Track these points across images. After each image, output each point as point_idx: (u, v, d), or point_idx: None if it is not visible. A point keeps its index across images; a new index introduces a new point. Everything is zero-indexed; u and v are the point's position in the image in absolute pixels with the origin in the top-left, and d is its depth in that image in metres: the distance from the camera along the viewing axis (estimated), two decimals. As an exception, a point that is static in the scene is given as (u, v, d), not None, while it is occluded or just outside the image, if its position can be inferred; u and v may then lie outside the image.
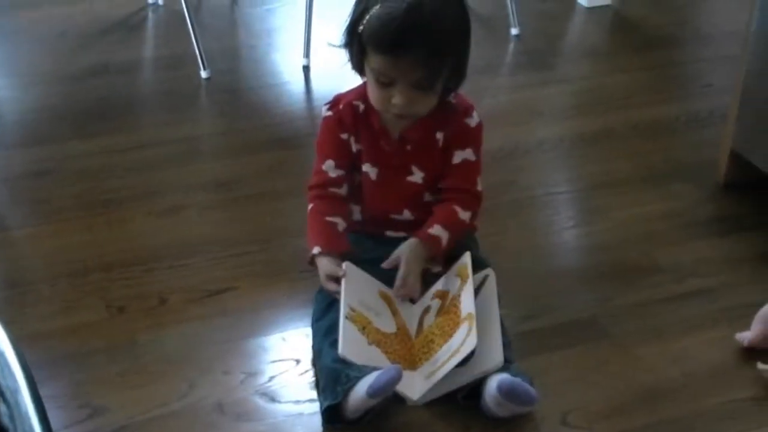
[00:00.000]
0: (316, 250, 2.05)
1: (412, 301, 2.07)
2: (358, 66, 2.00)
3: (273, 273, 2.29)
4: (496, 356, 1.85)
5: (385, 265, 2.04)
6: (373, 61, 1.92)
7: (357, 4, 1.96)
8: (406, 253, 2.03)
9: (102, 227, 2.44)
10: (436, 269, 2.07)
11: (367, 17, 1.90)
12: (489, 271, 2.07)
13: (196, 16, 3.42)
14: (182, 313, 2.16)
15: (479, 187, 2.11)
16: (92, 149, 2.77)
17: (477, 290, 2.00)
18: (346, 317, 1.92)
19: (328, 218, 2.09)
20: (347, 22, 1.97)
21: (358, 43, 1.94)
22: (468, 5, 1.97)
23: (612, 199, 2.57)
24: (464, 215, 2.08)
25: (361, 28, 1.92)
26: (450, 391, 1.87)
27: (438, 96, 1.99)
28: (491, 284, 2.04)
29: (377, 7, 1.89)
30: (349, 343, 1.87)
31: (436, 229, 2.04)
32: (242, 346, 2.07)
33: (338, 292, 1.98)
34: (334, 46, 2.03)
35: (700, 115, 2.99)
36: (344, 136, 2.09)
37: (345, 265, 2.01)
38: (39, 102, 3.08)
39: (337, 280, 2.00)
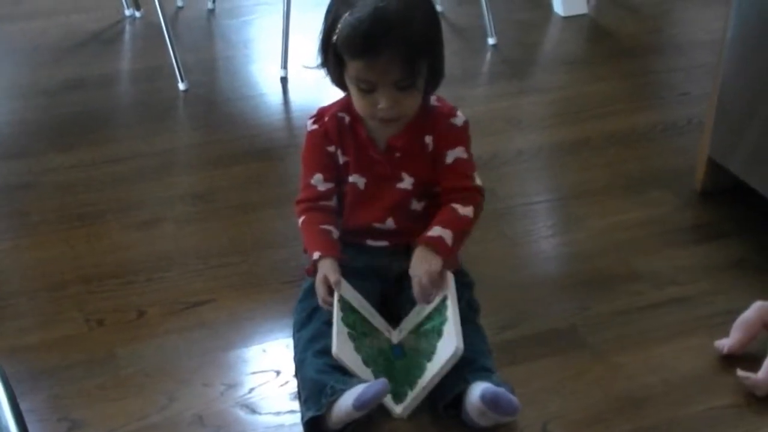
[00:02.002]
0: (316, 255, 2.04)
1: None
2: (338, 79, 2.00)
3: (252, 284, 2.28)
4: (451, 344, 1.83)
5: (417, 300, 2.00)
6: (352, 68, 1.92)
7: (327, 17, 1.96)
8: (417, 264, 1.98)
9: (80, 240, 2.43)
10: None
11: (339, 27, 1.90)
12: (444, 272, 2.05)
13: (173, 28, 3.41)
14: (161, 325, 2.15)
15: (477, 182, 2.11)
16: (70, 162, 2.77)
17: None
18: (341, 320, 1.91)
19: (323, 226, 2.09)
20: (320, 37, 1.98)
21: (334, 54, 1.94)
22: (434, 3, 1.97)
23: (590, 207, 2.57)
24: (464, 210, 2.06)
25: (334, 38, 1.92)
26: (429, 392, 1.86)
27: (422, 95, 2.00)
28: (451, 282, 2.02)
29: (347, 15, 1.89)
30: (342, 345, 1.86)
31: (435, 231, 2.02)
32: (222, 357, 2.07)
33: (325, 303, 1.97)
34: (309, 68, 2.03)
35: (677, 123, 3.00)
36: (331, 148, 2.09)
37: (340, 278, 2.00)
38: (16, 115, 3.07)
39: (329, 287, 1.98)
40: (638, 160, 2.80)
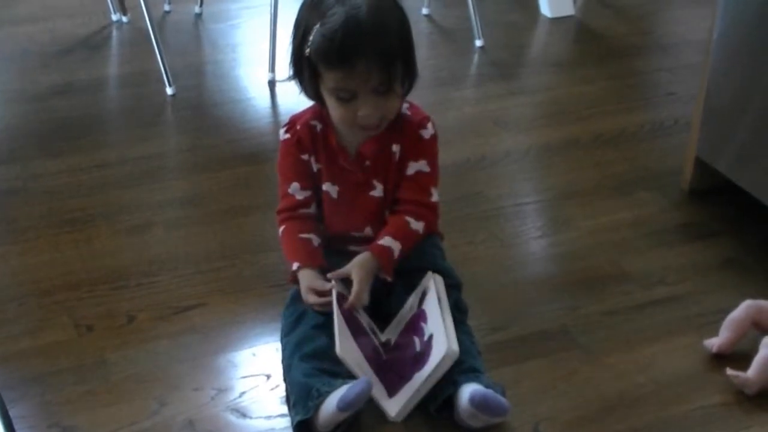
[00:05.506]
0: (295, 265, 2.05)
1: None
2: (314, 92, 2.00)
3: (241, 288, 2.28)
4: (443, 346, 1.83)
5: (331, 275, 2.02)
6: (329, 79, 1.92)
7: (296, 29, 1.95)
8: (358, 269, 2.01)
9: (69, 246, 2.43)
10: (388, 279, 2.05)
11: (311, 38, 1.89)
12: (430, 275, 2.06)
13: (160, 33, 3.41)
14: (151, 330, 2.15)
15: (434, 198, 2.10)
16: (58, 168, 2.76)
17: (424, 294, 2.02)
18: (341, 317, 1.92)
19: (302, 235, 2.09)
20: (291, 50, 1.98)
21: (309, 66, 1.93)
22: (402, 4, 1.97)
23: (579, 208, 2.58)
24: (416, 225, 2.07)
25: (307, 51, 1.91)
26: (424, 396, 1.86)
27: (400, 99, 2.00)
28: (439, 284, 2.03)
29: (317, 26, 1.88)
30: (345, 345, 1.86)
31: (386, 241, 2.04)
32: (212, 362, 2.07)
33: (320, 305, 1.97)
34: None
35: (664, 123, 3.01)
36: (305, 156, 2.09)
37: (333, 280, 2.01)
38: (3, 121, 3.06)
39: (318, 293, 1.99)
40: (626, 160, 2.81)
